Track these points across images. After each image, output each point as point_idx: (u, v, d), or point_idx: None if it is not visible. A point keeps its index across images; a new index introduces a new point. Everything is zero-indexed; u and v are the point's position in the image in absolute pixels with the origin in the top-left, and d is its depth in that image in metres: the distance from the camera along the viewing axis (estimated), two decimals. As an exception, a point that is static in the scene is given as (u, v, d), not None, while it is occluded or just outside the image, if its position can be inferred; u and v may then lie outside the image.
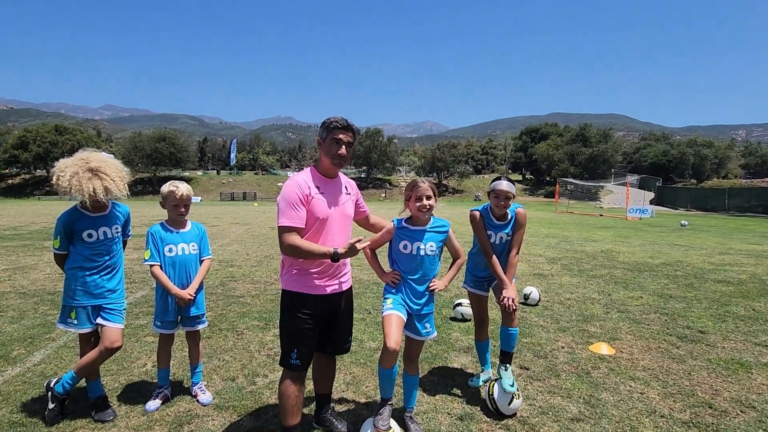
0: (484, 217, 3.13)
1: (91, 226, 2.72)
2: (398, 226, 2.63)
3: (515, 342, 3.07)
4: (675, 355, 3.92)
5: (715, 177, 60.16)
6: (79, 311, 2.71)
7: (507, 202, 3.00)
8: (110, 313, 2.76)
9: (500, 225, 3.10)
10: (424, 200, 2.53)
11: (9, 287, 6.15)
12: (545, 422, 2.77)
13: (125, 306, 2.90)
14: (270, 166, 78.52)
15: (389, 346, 2.39)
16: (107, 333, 2.71)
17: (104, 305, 2.75)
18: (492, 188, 3.04)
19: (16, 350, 3.84)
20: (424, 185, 2.56)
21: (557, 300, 5.82)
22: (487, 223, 3.13)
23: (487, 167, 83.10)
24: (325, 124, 2.38)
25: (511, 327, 3.01)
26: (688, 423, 2.77)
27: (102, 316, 2.74)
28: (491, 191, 3.04)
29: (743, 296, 6.07)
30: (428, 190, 2.55)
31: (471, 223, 3.17)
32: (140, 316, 4.87)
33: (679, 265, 8.59)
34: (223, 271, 7.55)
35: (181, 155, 55.41)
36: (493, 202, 3.06)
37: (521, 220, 3.10)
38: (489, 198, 3.09)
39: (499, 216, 3.10)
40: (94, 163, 2.64)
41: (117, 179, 2.68)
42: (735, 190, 34.55)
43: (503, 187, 2.98)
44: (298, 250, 2.25)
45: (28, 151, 51.13)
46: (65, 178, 2.57)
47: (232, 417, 2.80)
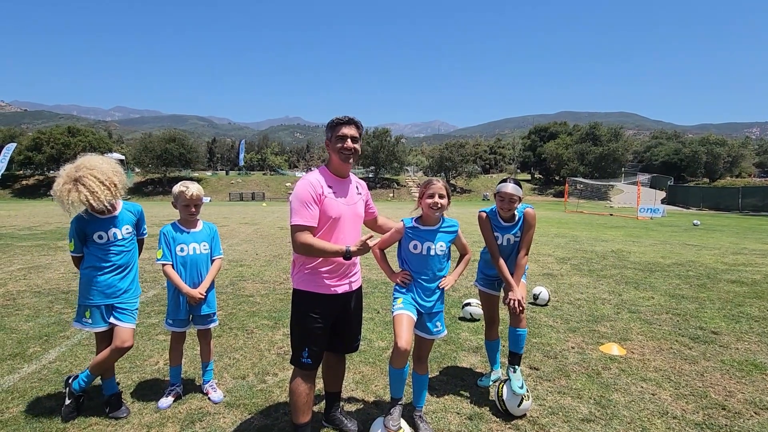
0: (491, 218, 3.10)
1: (100, 228, 2.76)
2: (408, 226, 2.63)
3: (524, 343, 3.05)
4: (687, 356, 3.88)
5: (729, 176, 59.16)
6: (93, 310, 2.76)
7: (512, 205, 2.97)
8: (122, 312, 2.79)
9: (507, 227, 3.07)
10: (436, 197, 2.53)
11: (24, 286, 6.27)
12: (555, 422, 2.76)
13: (138, 305, 2.94)
14: (278, 166, 78.90)
15: (400, 346, 2.40)
16: (118, 332, 2.75)
17: (116, 305, 2.79)
18: (497, 191, 3.01)
19: (32, 348, 3.91)
20: (438, 183, 2.58)
21: (567, 300, 5.78)
22: (494, 224, 3.10)
23: (495, 167, 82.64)
24: (331, 123, 2.41)
25: (519, 328, 2.99)
26: (701, 424, 2.74)
27: (114, 316, 2.78)
28: (497, 194, 3.02)
29: (757, 297, 5.97)
30: (442, 189, 2.56)
31: (478, 223, 3.16)
32: (152, 314, 4.94)
33: (691, 265, 8.47)
34: (233, 270, 7.62)
35: (191, 156, 55.90)
36: (498, 205, 3.04)
37: (530, 220, 3.04)
38: (495, 200, 3.07)
39: (505, 218, 3.07)
40: (81, 172, 2.59)
41: (99, 189, 2.58)
42: (749, 189, 33.93)
43: (508, 190, 2.95)
44: (311, 249, 2.27)
45: (42, 152, 51.95)
46: (57, 188, 2.60)
47: (243, 415, 2.83)
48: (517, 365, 3.02)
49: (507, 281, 2.99)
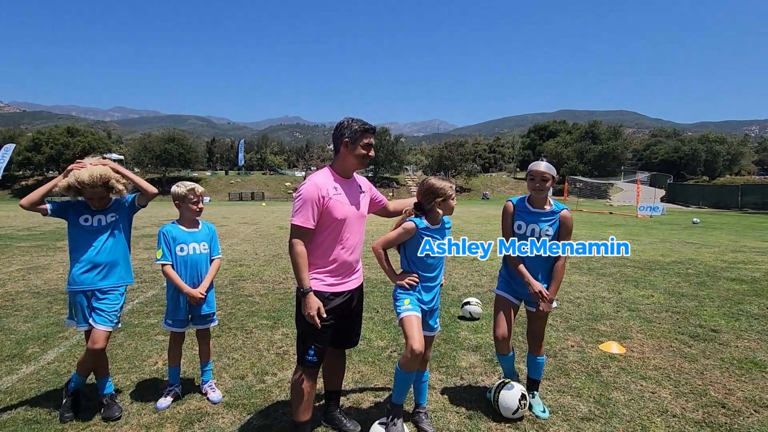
0: (516, 206, 2.85)
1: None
2: (422, 227, 2.56)
3: (542, 369, 3.00)
4: (687, 354, 3.87)
5: (728, 174, 59.18)
6: (77, 310, 2.77)
7: (544, 185, 2.70)
8: (99, 314, 2.75)
9: (535, 213, 2.78)
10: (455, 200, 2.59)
11: (23, 287, 6.26)
12: (555, 421, 2.75)
13: (118, 308, 2.84)
14: (278, 166, 78.87)
15: (416, 348, 2.35)
16: (91, 333, 2.72)
17: (95, 305, 2.75)
18: (529, 170, 2.79)
19: (30, 348, 3.90)
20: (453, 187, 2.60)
21: (567, 299, 5.78)
22: (518, 210, 2.83)
23: (494, 165, 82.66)
24: (355, 127, 2.39)
25: (539, 356, 2.93)
26: (701, 423, 2.74)
27: (92, 316, 2.75)
28: (528, 173, 2.79)
29: (757, 294, 5.97)
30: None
31: (502, 213, 2.92)
32: (151, 315, 4.93)
33: (691, 263, 8.47)
34: (232, 270, 7.61)
35: (190, 156, 55.87)
36: (529, 186, 2.77)
37: (568, 225, 2.76)
38: (527, 182, 2.82)
39: (536, 201, 2.78)
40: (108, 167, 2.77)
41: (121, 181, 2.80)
42: (748, 186, 33.93)
43: (540, 168, 2.71)
44: (294, 257, 2.31)
45: (41, 153, 51.93)
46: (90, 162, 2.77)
47: (242, 414, 2.82)
48: (536, 391, 2.96)
49: (528, 280, 2.73)
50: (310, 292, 2.29)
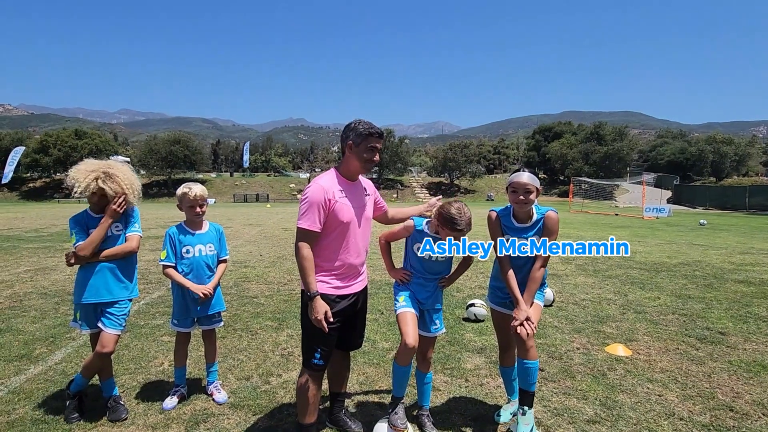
0: (501, 218, 2.65)
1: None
2: (418, 228, 2.63)
3: (535, 378, 2.47)
4: (694, 356, 3.84)
5: (735, 175, 58.68)
6: (82, 313, 2.78)
7: (527, 198, 2.47)
8: (108, 317, 2.75)
9: (521, 228, 2.58)
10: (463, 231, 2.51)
11: (31, 288, 6.32)
12: (561, 424, 2.74)
13: (127, 311, 2.85)
14: (282, 167, 79.20)
15: (408, 343, 2.42)
16: (100, 337, 2.73)
17: (105, 309, 2.76)
18: (509, 181, 2.53)
19: (38, 349, 3.94)
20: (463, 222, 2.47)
21: (572, 300, 5.75)
22: (505, 225, 2.63)
23: (499, 167, 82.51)
24: (360, 130, 2.36)
25: (527, 359, 2.42)
26: (708, 426, 2.71)
27: (101, 320, 2.75)
28: (509, 185, 2.54)
29: (765, 297, 5.91)
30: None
31: (487, 224, 2.70)
32: (157, 316, 4.96)
33: (697, 264, 8.40)
34: (237, 271, 7.64)
35: (195, 158, 56.24)
36: (511, 199, 2.54)
37: (552, 226, 2.54)
38: (507, 195, 2.58)
39: (520, 216, 2.58)
40: (113, 170, 2.78)
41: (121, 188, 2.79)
42: (756, 188, 33.61)
43: (522, 179, 2.47)
44: (300, 261, 2.29)
45: (49, 155, 52.47)
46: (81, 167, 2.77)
47: (247, 416, 2.83)
48: (527, 407, 2.47)
49: (514, 296, 2.52)
50: (318, 296, 2.28)
